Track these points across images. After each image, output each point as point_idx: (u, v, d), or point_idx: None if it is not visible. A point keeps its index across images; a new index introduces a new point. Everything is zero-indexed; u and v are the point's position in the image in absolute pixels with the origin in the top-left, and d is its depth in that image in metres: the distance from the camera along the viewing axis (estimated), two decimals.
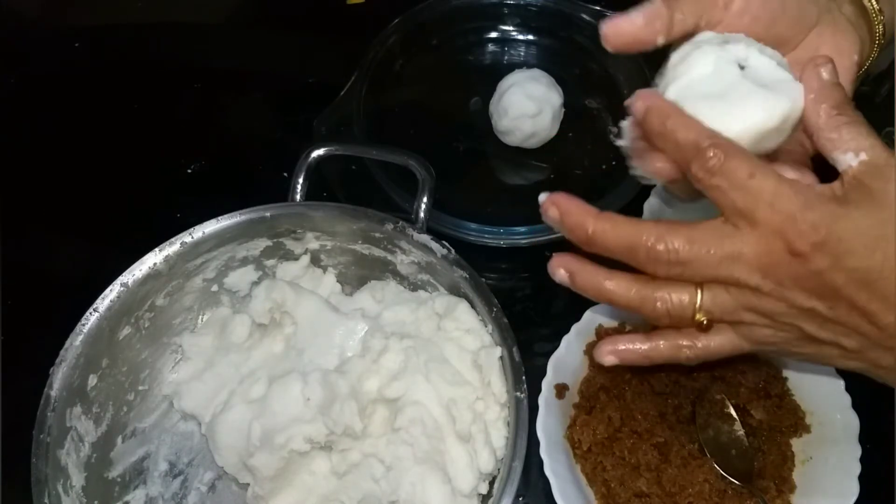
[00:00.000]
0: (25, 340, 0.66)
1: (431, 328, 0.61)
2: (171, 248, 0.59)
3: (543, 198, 0.43)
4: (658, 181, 0.44)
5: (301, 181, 0.62)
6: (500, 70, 0.79)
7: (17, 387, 0.57)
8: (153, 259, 0.58)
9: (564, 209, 0.42)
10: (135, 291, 0.58)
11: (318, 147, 0.63)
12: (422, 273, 0.63)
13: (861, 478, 0.53)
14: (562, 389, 0.58)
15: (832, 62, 0.42)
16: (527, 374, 0.54)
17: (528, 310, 0.69)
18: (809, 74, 0.41)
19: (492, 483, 0.55)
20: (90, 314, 0.56)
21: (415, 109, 0.83)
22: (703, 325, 0.42)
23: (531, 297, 0.70)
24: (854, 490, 0.53)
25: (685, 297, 0.42)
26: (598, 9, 0.83)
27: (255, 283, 0.65)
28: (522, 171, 0.79)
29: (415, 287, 0.65)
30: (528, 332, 0.64)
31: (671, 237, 0.40)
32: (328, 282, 0.67)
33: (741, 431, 0.57)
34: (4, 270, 0.69)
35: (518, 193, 0.77)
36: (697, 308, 0.42)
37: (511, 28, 0.88)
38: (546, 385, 0.58)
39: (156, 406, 0.62)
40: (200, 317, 0.65)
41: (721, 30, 0.44)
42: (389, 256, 0.64)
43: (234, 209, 0.60)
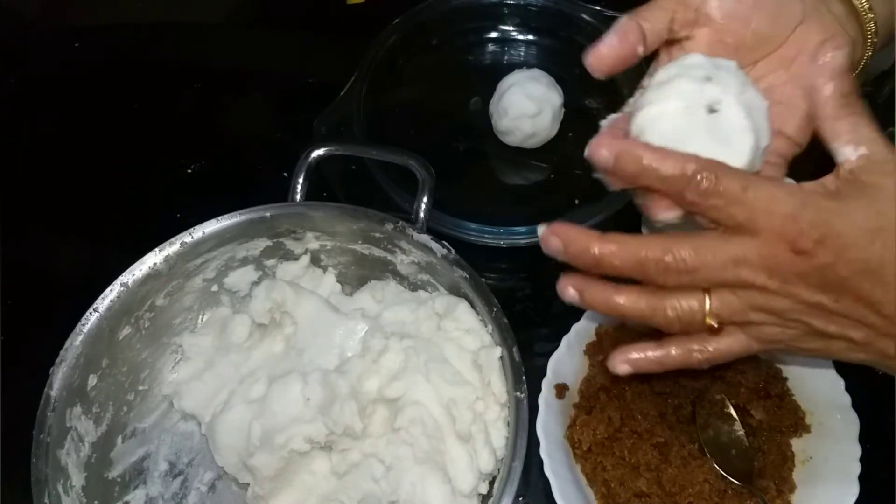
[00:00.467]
0: (25, 340, 0.66)
1: (431, 328, 0.61)
2: (171, 248, 0.59)
3: (542, 230, 0.43)
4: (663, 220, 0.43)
5: (301, 181, 0.62)
6: (500, 70, 0.79)
7: (17, 387, 0.57)
8: (153, 259, 0.58)
9: (566, 238, 0.42)
10: (135, 291, 0.58)
11: (318, 147, 0.63)
12: (422, 273, 0.63)
13: (861, 478, 0.53)
14: (562, 389, 0.58)
15: (847, 48, 0.41)
16: (527, 374, 0.54)
17: (528, 310, 0.69)
18: (820, 60, 0.41)
19: (492, 483, 0.55)
20: (90, 314, 0.56)
21: (415, 109, 0.83)
22: (714, 329, 0.43)
23: (531, 297, 0.70)
24: (854, 490, 0.53)
25: (694, 303, 0.42)
26: (598, 9, 0.83)
27: (255, 283, 0.65)
28: (522, 171, 0.78)
29: (415, 287, 0.65)
30: (528, 332, 0.64)
31: (677, 248, 0.40)
32: (328, 282, 0.67)
33: (741, 431, 0.57)
34: (4, 270, 0.69)
35: (518, 193, 0.77)
36: (707, 312, 0.42)
37: (511, 28, 0.88)
38: (546, 385, 0.58)
39: (156, 406, 0.62)
40: (200, 317, 0.65)
41: (695, 29, 0.45)
42: (389, 256, 0.64)
43: (234, 209, 0.60)
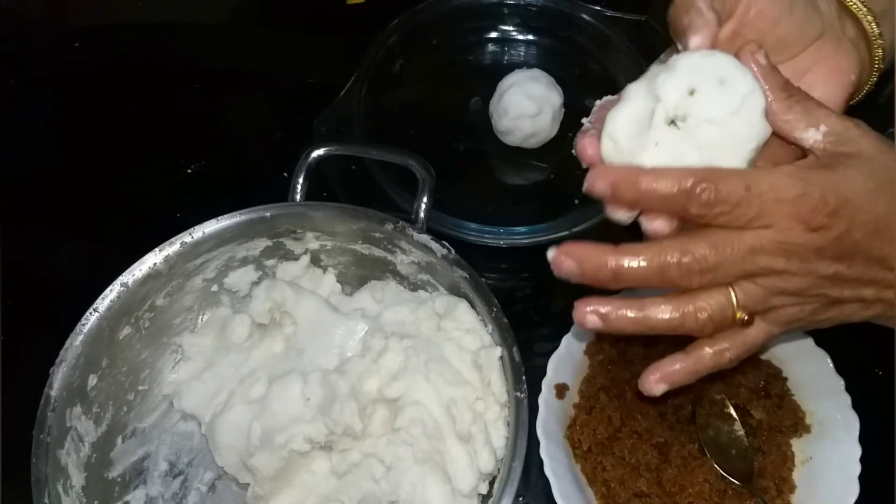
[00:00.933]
0: (25, 340, 0.66)
1: (431, 328, 0.61)
2: (171, 248, 0.59)
3: (552, 254, 0.41)
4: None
5: (301, 181, 0.62)
6: (500, 70, 0.79)
7: (17, 387, 0.57)
8: (153, 259, 0.58)
9: (580, 256, 0.40)
10: (135, 291, 0.58)
11: (318, 147, 0.63)
12: (422, 273, 0.63)
13: (861, 478, 0.53)
14: (562, 389, 0.58)
15: (762, 47, 0.42)
16: (527, 374, 0.54)
17: (528, 310, 0.69)
18: (745, 61, 0.41)
19: (492, 483, 0.55)
20: (90, 314, 0.56)
21: (415, 109, 0.84)
22: (746, 321, 0.42)
23: (531, 297, 0.70)
24: (854, 490, 0.53)
25: (723, 300, 0.41)
26: (598, 9, 0.83)
27: (255, 283, 0.65)
28: (522, 171, 0.78)
29: (415, 287, 0.65)
30: (528, 332, 0.64)
31: (695, 247, 0.40)
32: (328, 282, 0.67)
33: (741, 431, 0.57)
34: (4, 270, 0.69)
35: (518, 193, 0.77)
36: (736, 306, 0.42)
37: (511, 28, 0.88)
38: (546, 385, 0.58)
39: (156, 406, 0.62)
40: (200, 317, 0.65)
41: (731, 22, 0.44)
42: (389, 256, 0.64)
43: (234, 209, 0.60)
